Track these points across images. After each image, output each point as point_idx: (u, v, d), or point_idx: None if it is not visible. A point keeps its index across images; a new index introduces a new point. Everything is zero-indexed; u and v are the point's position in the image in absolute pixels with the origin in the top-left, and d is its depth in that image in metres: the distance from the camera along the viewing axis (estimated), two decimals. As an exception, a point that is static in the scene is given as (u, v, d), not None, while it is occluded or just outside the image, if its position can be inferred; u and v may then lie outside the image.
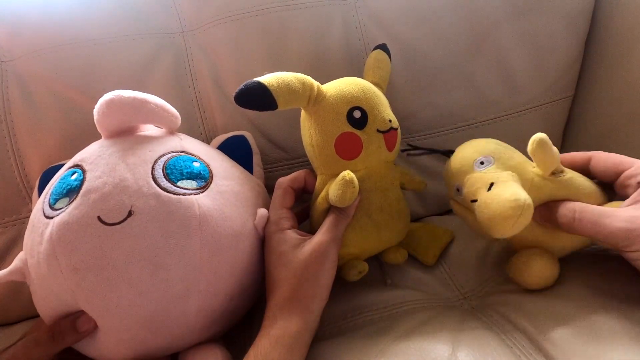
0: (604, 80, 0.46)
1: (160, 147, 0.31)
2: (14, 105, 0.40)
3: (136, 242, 0.27)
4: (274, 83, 0.30)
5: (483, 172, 0.31)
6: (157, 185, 0.28)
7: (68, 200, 0.28)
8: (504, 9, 0.45)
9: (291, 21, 0.43)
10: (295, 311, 0.29)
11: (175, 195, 0.28)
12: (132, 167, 0.29)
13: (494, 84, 0.46)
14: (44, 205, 0.29)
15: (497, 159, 0.31)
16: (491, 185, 0.29)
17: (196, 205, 0.29)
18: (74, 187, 0.29)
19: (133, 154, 0.30)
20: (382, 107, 0.34)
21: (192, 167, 0.31)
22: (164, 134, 0.34)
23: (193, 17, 0.43)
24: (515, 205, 0.27)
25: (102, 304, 0.27)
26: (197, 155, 0.32)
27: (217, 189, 0.31)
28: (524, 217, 0.27)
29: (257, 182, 0.37)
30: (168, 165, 0.30)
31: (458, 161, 0.33)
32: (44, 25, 0.40)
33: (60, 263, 0.27)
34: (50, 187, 0.31)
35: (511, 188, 0.28)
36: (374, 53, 0.39)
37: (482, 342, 0.29)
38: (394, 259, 0.38)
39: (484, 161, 0.32)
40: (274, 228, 0.32)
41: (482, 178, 0.30)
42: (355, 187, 0.31)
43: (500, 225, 0.27)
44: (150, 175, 0.29)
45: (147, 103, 0.31)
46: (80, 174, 0.29)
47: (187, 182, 0.30)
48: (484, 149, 0.32)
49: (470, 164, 0.32)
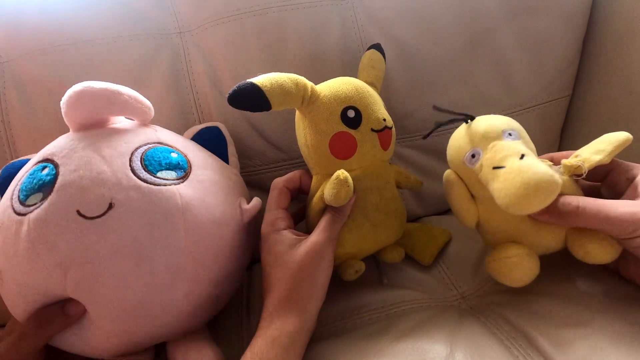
0: (601, 80, 0.46)
1: (135, 138, 0.31)
2: (12, 106, 0.40)
3: (119, 234, 0.27)
4: (267, 84, 0.30)
5: (513, 142, 0.29)
6: (136, 177, 0.28)
7: (42, 196, 0.28)
8: (501, 9, 0.45)
9: (289, 21, 0.43)
10: (291, 311, 0.29)
11: (156, 186, 0.28)
12: (108, 160, 0.28)
13: (491, 84, 0.46)
14: (14, 202, 0.28)
15: (522, 138, 0.30)
16: (522, 156, 0.28)
17: (178, 195, 0.29)
18: (47, 181, 0.28)
19: (108, 146, 0.29)
20: (376, 107, 0.34)
21: (170, 158, 0.31)
22: (137, 126, 0.33)
23: (190, 17, 0.43)
24: (552, 179, 0.26)
25: (89, 295, 0.27)
26: (173, 146, 0.32)
27: (197, 178, 0.31)
28: (552, 196, 0.26)
29: (233, 171, 0.37)
30: (146, 156, 0.30)
31: (484, 126, 0.30)
32: (41, 26, 0.41)
33: (43, 260, 0.26)
34: (18, 182, 0.30)
35: (544, 165, 0.27)
36: (368, 53, 0.39)
37: (480, 342, 0.29)
38: (391, 258, 0.38)
39: (512, 133, 0.30)
40: (270, 228, 0.32)
41: (512, 147, 0.28)
42: (350, 186, 0.31)
43: (530, 196, 0.26)
44: (129, 167, 0.29)
45: (120, 94, 0.30)
46: (53, 168, 0.29)
47: (167, 173, 0.30)
48: (512, 123, 0.31)
49: (499, 131, 0.30)
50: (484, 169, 0.29)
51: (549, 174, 0.26)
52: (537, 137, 0.48)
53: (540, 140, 0.48)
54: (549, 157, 0.32)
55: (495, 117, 0.32)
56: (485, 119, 0.31)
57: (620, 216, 0.26)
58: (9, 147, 0.40)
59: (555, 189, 0.26)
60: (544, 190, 0.26)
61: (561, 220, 0.28)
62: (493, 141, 0.29)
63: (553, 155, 0.32)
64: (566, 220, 0.28)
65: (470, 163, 0.30)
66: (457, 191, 0.32)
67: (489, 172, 0.28)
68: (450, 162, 0.33)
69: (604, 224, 0.27)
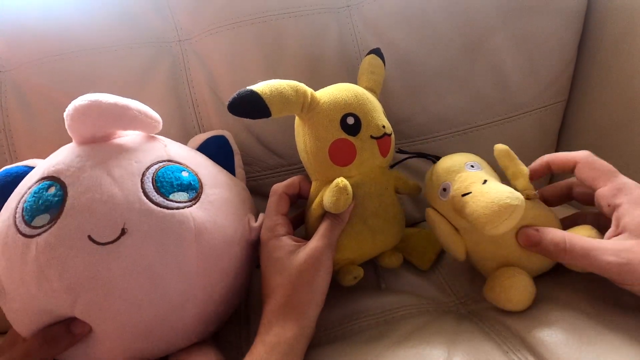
0: (597, 84, 0.47)
1: (145, 156, 0.30)
2: (13, 114, 0.40)
3: (132, 260, 0.26)
4: (267, 91, 0.30)
5: (475, 172, 0.32)
6: (149, 201, 0.28)
7: (49, 218, 0.27)
8: (497, 14, 0.46)
9: (287, 29, 0.43)
10: (290, 317, 0.29)
11: (169, 210, 0.28)
12: (119, 182, 0.28)
13: (487, 89, 0.47)
14: (17, 221, 0.27)
15: (484, 167, 0.33)
16: (485, 181, 0.30)
17: (191, 218, 0.28)
18: (55, 202, 0.27)
19: (117, 165, 0.28)
20: (376, 113, 0.34)
21: (182, 178, 0.30)
22: (145, 139, 0.32)
23: (190, 25, 0.44)
24: (513, 197, 0.28)
25: (99, 318, 0.27)
26: (184, 164, 0.32)
27: (208, 199, 0.31)
28: (517, 213, 0.28)
29: (242, 185, 0.37)
30: (157, 177, 0.29)
31: (448, 162, 0.34)
32: (42, 35, 0.41)
33: (52, 284, 0.26)
34: (20, 199, 0.28)
35: (505, 186, 0.29)
36: (367, 58, 0.39)
37: (478, 347, 0.30)
38: (389, 263, 0.38)
39: (474, 165, 0.33)
40: (270, 234, 0.32)
41: (476, 175, 0.32)
42: (349, 193, 0.31)
43: (497, 213, 0.28)
44: (141, 189, 0.28)
45: (129, 109, 0.29)
46: (59, 188, 0.27)
47: (179, 195, 0.29)
48: (471, 157, 0.34)
49: (461, 165, 0.33)
50: (455, 198, 0.32)
51: (508, 192, 0.28)
52: (533, 142, 0.49)
53: (537, 145, 0.49)
54: (558, 160, 0.33)
55: (456, 154, 0.35)
56: (446, 157, 0.35)
57: (605, 268, 0.26)
58: (10, 155, 0.40)
59: (517, 205, 0.28)
60: (506, 206, 0.28)
61: (550, 256, 0.30)
62: (458, 173, 0.32)
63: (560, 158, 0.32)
64: (555, 256, 0.29)
65: (443, 196, 0.33)
66: (440, 227, 0.34)
67: (459, 200, 0.31)
68: (429, 200, 0.36)
69: (591, 269, 0.27)
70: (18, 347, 0.28)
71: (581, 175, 0.31)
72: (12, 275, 0.27)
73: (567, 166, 0.32)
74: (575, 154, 0.31)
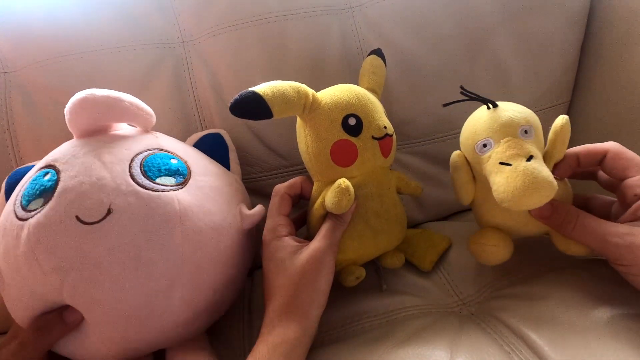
0: (600, 85, 0.47)
1: (136, 145, 0.31)
2: (17, 115, 0.40)
3: (117, 239, 0.27)
4: (268, 92, 0.30)
5: (525, 141, 0.30)
6: (135, 183, 0.29)
7: (42, 201, 0.28)
8: (499, 15, 0.46)
9: (289, 30, 0.43)
10: (293, 318, 0.29)
11: (155, 192, 0.29)
12: (108, 166, 0.29)
13: (490, 90, 0.47)
14: (16, 207, 0.29)
15: (536, 135, 0.31)
16: (530, 157, 0.29)
17: (176, 200, 0.29)
18: (48, 187, 0.28)
19: (109, 152, 0.30)
20: (377, 114, 0.34)
21: (169, 164, 0.31)
22: (139, 132, 0.33)
23: (193, 27, 0.44)
24: (551, 186, 0.28)
25: (86, 300, 0.27)
26: (174, 153, 0.33)
27: (196, 184, 0.31)
28: (546, 200, 0.28)
29: (234, 177, 0.38)
30: (145, 162, 0.30)
31: (504, 118, 0.31)
32: (46, 36, 0.41)
33: (41, 264, 0.27)
34: (21, 188, 0.30)
35: (547, 169, 0.29)
36: (369, 58, 0.39)
37: (481, 349, 0.29)
38: (391, 264, 0.38)
39: (527, 131, 0.30)
40: (272, 235, 0.33)
41: (523, 146, 0.29)
42: (351, 194, 0.31)
43: (528, 196, 0.28)
44: (128, 173, 0.29)
45: (121, 101, 0.31)
46: (54, 174, 0.29)
47: (166, 179, 0.30)
48: (531, 118, 0.31)
49: (516, 127, 0.30)
50: (491, 160, 0.30)
51: (548, 180, 0.28)
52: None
53: (540, 147, 0.49)
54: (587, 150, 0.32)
55: (516, 109, 0.32)
56: (507, 110, 0.31)
57: (607, 245, 0.28)
58: (15, 156, 0.40)
59: (551, 193, 0.28)
60: (540, 194, 0.28)
61: (558, 229, 0.30)
62: (507, 136, 0.30)
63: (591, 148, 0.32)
64: (563, 229, 0.30)
65: (481, 151, 0.31)
66: (461, 173, 0.34)
67: (494, 165, 0.30)
68: (461, 144, 0.34)
69: (593, 245, 0.29)
70: (15, 339, 0.29)
71: (612, 164, 0.30)
72: (8, 259, 0.28)
73: (596, 157, 0.31)
74: (604, 144, 0.31)
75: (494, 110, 0.31)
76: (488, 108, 0.32)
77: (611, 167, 0.30)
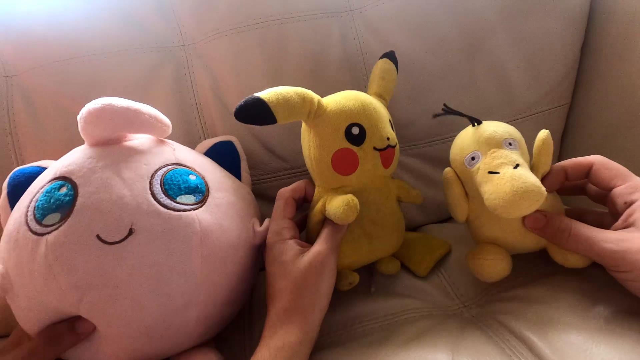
0: (601, 86, 0.47)
1: (154, 159, 0.31)
2: (19, 119, 0.40)
3: (138, 260, 0.27)
4: (272, 98, 0.30)
5: (510, 151, 0.31)
6: (156, 202, 0.28)
7: (60, 217, 0.27)
8: (498, 16, 0.46)
9: (290, 33, 0.43)
10: (295, 321, 0.29)
11: (176, 212, 0.28)
12: (129, 183, 0.28)
13: (490, 92, 0.47)
14: (29, 219, 0.28)
15: (521, 148, 0.32)
16: (517, 165, 0.30)
17: (197, 221, 0.29)
18: (65, 202, 0.28)
19: (127, 167, 0.29)
20: (381, 124, 0.34)
21: (189, 181, 0.31)
22: (155, 143, 0.33)
23: (194, 30, 0.44)
24: (539, 190, 0.28)
25: (104, 317, 0.27)
26: (191, 167, 0.32)
27: (214, 202, 0.31)
28: (536, 206, 0.29)
29: (247, 189, 0.38)
30: (165, 179, 0.30)
31: (488, 132, 0.32)
32: (48, 40, 0.41)
33: (59, 281, 0.27)
34: (32, 198, 0.29)
35: (534, 176, 0.30)
36: (379, 62, 0.38)
37: (482, 351, 0.30)
38: (386, 270, 0.38)
39: (512, 143, 0.32)
40: (276, 238, 0.33)
41: (509, 156, 0.31)
42: (357, 211, 0.31)
43: (518, 200, 0.28)
44: (149, 191, 0.28)
45: (141, 113, 0.30)
46: (70, 188, 0.28)
47: (186, 197, 0.30)
48: (514, 133, 0.33)
49: (500, 139, 0.32)
50: (480, 171, 0.31)
51: (536, 185, 0.29)
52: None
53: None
54: (573, 164, 0.33)
55: (500, 125, 0.34)
56: (490, 125, 0.33)
57: (601, 254, 0.28)
58: (17, 159, 0.40)
59: (540, 198, 0.29)
60: (529, 198, 0.28)
61: (553, 239, 0.31)
62: (493, 148, 0.32)
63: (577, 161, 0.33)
64: (558, 240, 0.30)
65: (469, 164, 0.33)
66: (453, 188, 0.34)
67: (484, 175, 0.31)
68: (451, 160, 0.35)
69: (589, 254, 0.29)
70: (24, 346, 0.29)
71: (599, 175, 0.31)
72: (21, 272, 0.28)
73: (583, 169, 0.32)
74: (589, 157, 0.32)
75: (478, 127, 0.33)
76: (473, 125, 0.34)
77: (598, 178, 0.31)
